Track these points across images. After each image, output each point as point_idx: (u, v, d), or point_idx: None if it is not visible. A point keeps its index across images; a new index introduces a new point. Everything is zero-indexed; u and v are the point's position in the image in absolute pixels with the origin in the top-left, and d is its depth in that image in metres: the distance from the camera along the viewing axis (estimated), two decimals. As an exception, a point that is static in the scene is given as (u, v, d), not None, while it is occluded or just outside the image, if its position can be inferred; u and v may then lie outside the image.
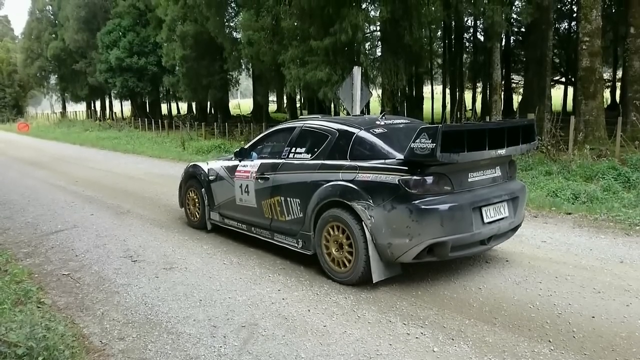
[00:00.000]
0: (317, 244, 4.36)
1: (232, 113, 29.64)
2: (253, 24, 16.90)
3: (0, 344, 2.83)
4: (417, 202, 3.69)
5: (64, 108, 47.60)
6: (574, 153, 9.20)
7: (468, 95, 27.30)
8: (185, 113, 39.41)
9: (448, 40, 24.06)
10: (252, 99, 32.06)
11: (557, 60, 24.02)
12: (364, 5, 16.35)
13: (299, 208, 4.52)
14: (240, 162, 5.39)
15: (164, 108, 37.75)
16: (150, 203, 7.88)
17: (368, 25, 15.71)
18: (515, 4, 17.86)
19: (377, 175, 3.90)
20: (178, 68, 24.39)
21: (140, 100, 33.49)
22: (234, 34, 22.45)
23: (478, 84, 27.10)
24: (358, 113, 8.91)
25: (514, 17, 18.95)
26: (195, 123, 23.22)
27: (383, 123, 4.49)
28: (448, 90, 24.53)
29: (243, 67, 25.14)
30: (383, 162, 3.96)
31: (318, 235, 4.32)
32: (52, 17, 39.93)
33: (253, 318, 3.56)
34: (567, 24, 25.11)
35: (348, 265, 4.09)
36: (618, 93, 22.69)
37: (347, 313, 3.61)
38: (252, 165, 5.17)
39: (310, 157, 4.58)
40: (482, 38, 23.42)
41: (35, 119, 46.39)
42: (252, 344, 3.18)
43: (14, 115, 48.16)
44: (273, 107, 41.93)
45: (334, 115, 13.74)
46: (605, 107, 14.14)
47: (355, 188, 3.98)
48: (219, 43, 21.21)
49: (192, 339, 3.28)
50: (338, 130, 4.47)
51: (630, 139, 9.32)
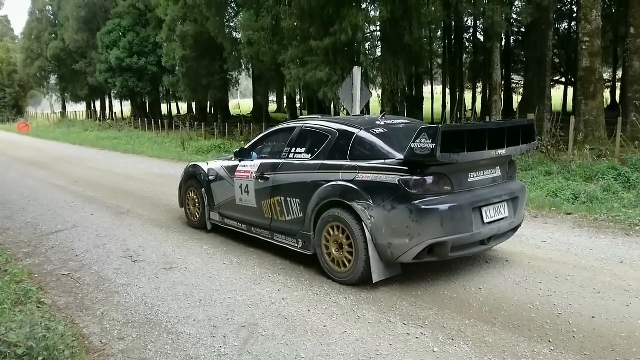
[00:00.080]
0: (317, 244, 4.36)
1: (232, 113, 29.64)
2: (253, 24, 16.90)
3: (0, 344, 2.83)
4: (417, 202, 3.70)
5: (64, 108, 47.62)
6: (574, 153, 9.19)
7: (468, 96, 27.30)
8: (185, 113, 39.39)
9: (448, 41, 24.05)
10: (252, 99, 32.05)
11: (557, 61, 24.02)
12: (364, 5, 16.35)
13: (299, 208, 4.52)
14: (240, 162, 5.39)
15: (164, 108, 37.77)
16: (150, 203, 7.88)
17: (368, 25, 15.70)
18: (515, 4, 17.86)
19: (377, 176, 3.90)
20: (178, 68, 24.40)
21: (140, 101, 33.50)
22: (234, 34, 22.48)
23: (478, 84, 27.10)
24: (358, 113, 8.90)
25: (514, 17, 18.96)
26: (195, 123, 23.23)
27: (383, 123, 4.49)
28: (448, 91, 24.52)
29: (243, 67, 25.14)
30: (383, 162, 3.96)
31: (318, 236, 4.32)
32: (52, 17, 39.95)
33: (253, 318, 3.56)
34: (567, 24, 25.12)
35: (348, 266, 4.10)
36: (618, 93, 22.70)
37: (347, 313, 3.61)
38: (252, 166, 5.17)
39: (311, 157, 4.58)
40: (482, 38, 23.45)
41: (35, 119, 46.39)
42: (252, 344, 3.18)
43: (14, 115, 48.15)
44: (273, 107, 41.92)
45: (334, 116, 13.74)
46: (605, 107, 14.15)
47: (355, 188, 3.98)
48: (219, 43, 21.22)
49: (192, 339, 3.28)
50: (338, 131, 4.47)
51: (630, 139, 9.32)
